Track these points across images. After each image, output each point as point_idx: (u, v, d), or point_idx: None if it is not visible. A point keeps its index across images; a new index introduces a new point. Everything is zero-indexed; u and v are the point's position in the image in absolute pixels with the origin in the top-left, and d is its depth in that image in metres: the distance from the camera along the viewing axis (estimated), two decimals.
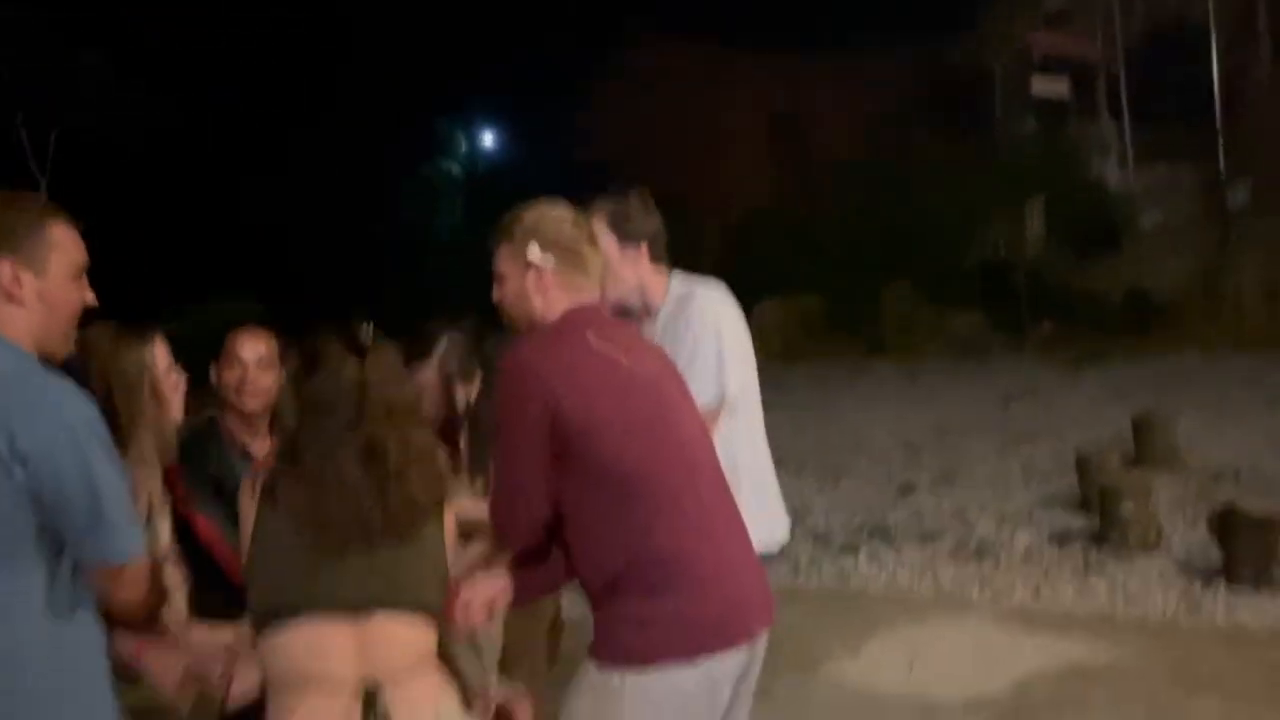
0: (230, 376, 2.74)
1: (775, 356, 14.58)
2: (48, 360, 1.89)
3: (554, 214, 2.22)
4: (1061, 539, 5.88)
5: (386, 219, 27.69)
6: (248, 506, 1.97)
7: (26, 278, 1.82)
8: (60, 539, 1.77)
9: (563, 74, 27.83)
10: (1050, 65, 18.38)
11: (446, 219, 34.21)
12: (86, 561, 1.80)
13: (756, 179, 20.80)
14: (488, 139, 36.70)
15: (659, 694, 1.97)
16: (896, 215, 16.60)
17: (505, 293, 2.22)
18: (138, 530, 1.85)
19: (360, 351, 2.00)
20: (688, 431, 2.14)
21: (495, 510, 2.13)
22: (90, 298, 1.95)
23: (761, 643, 2.13)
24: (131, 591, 1.87)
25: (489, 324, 2.80)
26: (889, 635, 4.68)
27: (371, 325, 2.11)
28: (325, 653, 1.84)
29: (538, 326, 2.17)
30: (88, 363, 2.19)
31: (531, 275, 2.15)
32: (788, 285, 16.10)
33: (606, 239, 2.70)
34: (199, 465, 2.66)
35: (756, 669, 2.16)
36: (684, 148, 22.48)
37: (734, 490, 2.22)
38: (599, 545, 2.04)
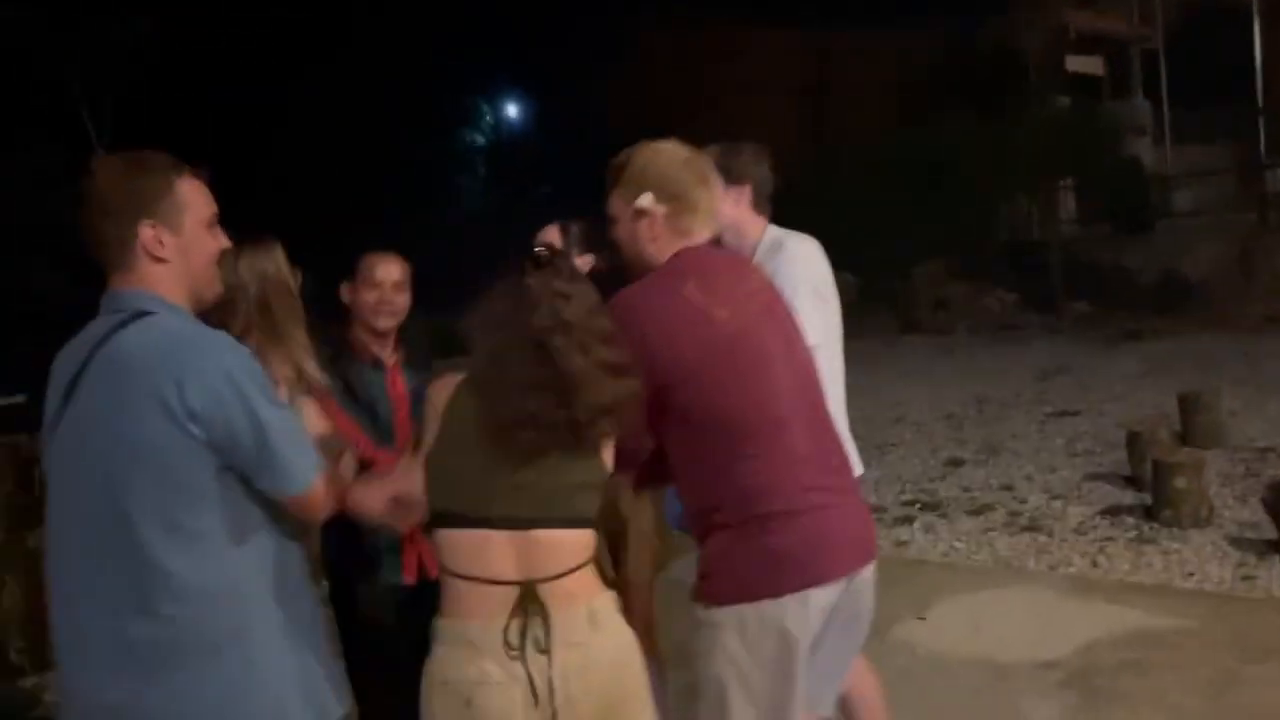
0: (369, 296, 2.92)
1: None
2: (200, 304, 2.04)
3: (664, 157, 2.29)
4: (1113, 513, 6.02)
5: (412, 190, 27.84)
6: (435, 404, 2.09)
7: (166, 237, 1.95)
8: (240, 475, 1.91)
9: (587, 50, 27.91)
10: (1086, 43, 18.32)
11: (472, 188, 34.41)
12: (268, 493, 1.94)
13: (785, 155, 20.76)
14: (512, 112, 36.75)
15: (753, 627, 2.12)
16: (927, 193, 16.61)
17: (618, 234, 2.32)
18: (309, 458, 1.97)
19: (537, 267, 2.07)
20: (780, 379, 2.21)
21: None
22: (224, 241, 2.07)
23: (861, 578, 2.24)
24: (315, 511, 2.02)
25: None
26: (953, 601, 4.84)
27: (549, 246, 2.20)
28: (489, 558, 1.99)
29: (649, 267, 2.27)
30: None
31: (643, 222, 2.25)
32: None
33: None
34: (332, 369, 2.80)
35: (861, 605, 2.28)
36: (710, 125, 22.52)
37: None
38: (692, 481, 2.19)
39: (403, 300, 2.99)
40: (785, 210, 3.18)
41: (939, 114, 17.19)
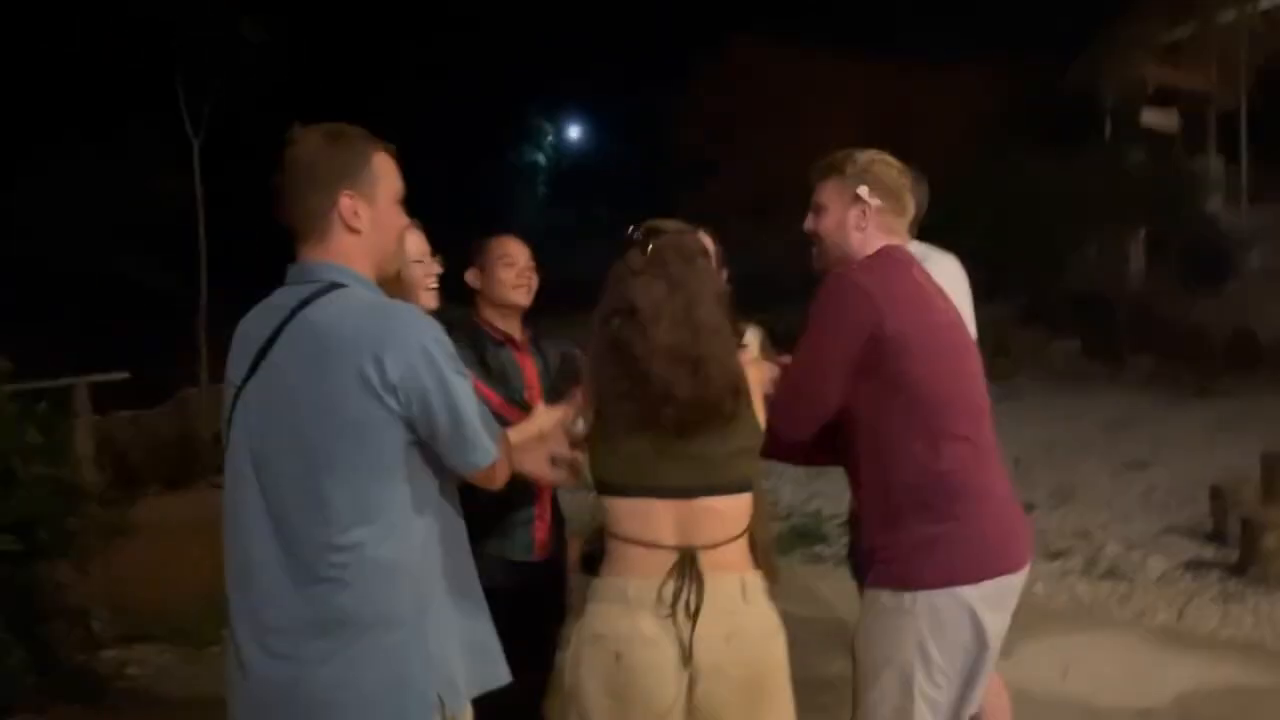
0: (506, 274, 2.99)
1: None
2: (381, 278, 2.05)
3: (883, 159, 2.40)
4: (1195, 567, 5.92)
5: (470, 205, 28.15)
6: (582, 383, 2.18)
7: (362, 208, 1.97)
8: (426, 450, 1.93)
9: (654, 69, 28.13)
10: (1163, 97, 18.17)
11: (529, 203, 34.72)
12: (456, 469, 1.96)
13: None
14: (573, 133, 37.11)
15: (949, 612, 2.16)
16: (993, 233, 16.47)
17: (823, 223, 2.40)
18: (492, 430, 1.99)
19: (653, 255, 2.11)
20: (979, 373, 2.33)
21: (780, 402, 2.24)
22: (405, 219, 2.09)
23: (1022, 579, 2.29)
24: (497, 482, 2.05)
25: None
26: (1038, 642, 4.75)
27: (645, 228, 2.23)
28: (652, 524, 2.06)
29: (849, 260, 2.33)
30: None
31: (855, 211, 2.34)
32: None
33: None
34: (462, 344, 2.89)
35: (1014, 604, 2.31)
36: (775, 149, 22.51)
37: None
38: (892, 460, 2.21)
39: (535, 279, 3.07)
40: None
41: (1008, 153, 17.06)
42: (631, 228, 2.17)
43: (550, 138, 36.77)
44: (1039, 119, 18.47)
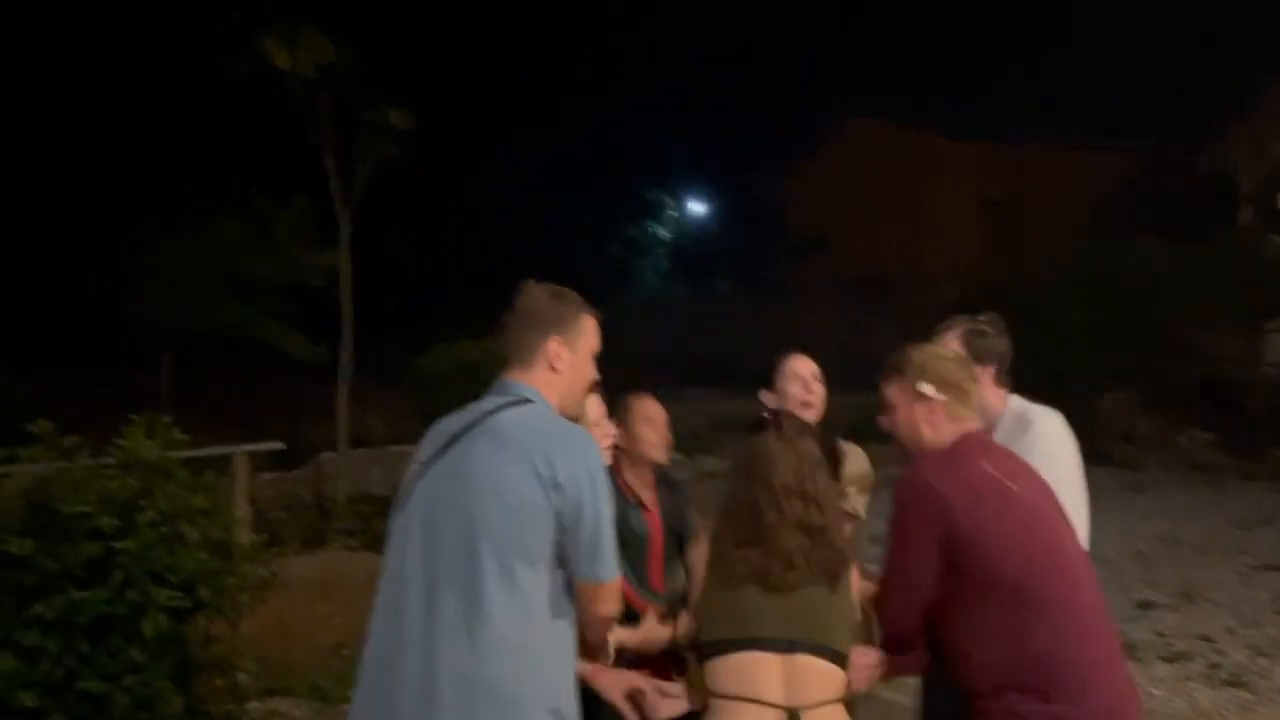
0: (648, 433, 3.23)
1: None
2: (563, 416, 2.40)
3: (941, 355, 2.64)
4: None
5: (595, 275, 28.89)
6: (698, 555, 2.51)
7: (565, 353, 2.39)
8: (563, 554, 2.23)
9: (773, 148, 28.60)
10: None
11: (652, 279, 35.33)
12: (581, 577, 2.25)
13: (965, 266, 20.43)
14: (696, 208, 37.74)
15: None
16: (1119, 316, 16.07)
17: (896, 420, 2.61)
18: (616, 558, 2.29)
19: (780, 431, 2.48)
20: (1069, 550, 2.44)
21: (881, 596, 2.51)
22: (595, 375, 2.49)
23: None
24: (607, 606, 2.33)
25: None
26: None
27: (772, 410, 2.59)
28: (758, 681, 2.25)
29: (926, 450, 2.53)
30: None
31: (922, 407, 2.54)
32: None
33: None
34: None
35: None
36: (890, 229, 22.54)
37: None
38: (984, 647, 2.34)
39: (670, 437, 3.30)
40: None
41: (1137, 236, 16.69)
42: (765, 412, 2.65)
43: (673, 212, 37.43)
44: (1169, 203, 18.09)
